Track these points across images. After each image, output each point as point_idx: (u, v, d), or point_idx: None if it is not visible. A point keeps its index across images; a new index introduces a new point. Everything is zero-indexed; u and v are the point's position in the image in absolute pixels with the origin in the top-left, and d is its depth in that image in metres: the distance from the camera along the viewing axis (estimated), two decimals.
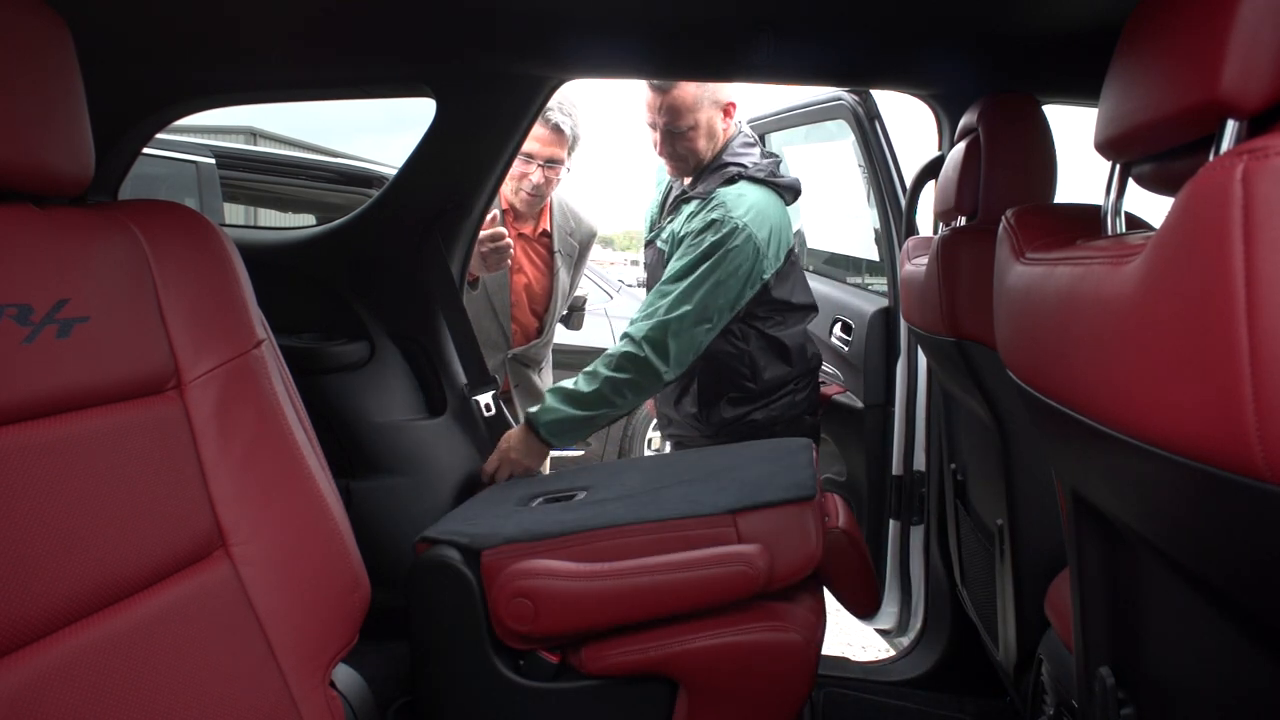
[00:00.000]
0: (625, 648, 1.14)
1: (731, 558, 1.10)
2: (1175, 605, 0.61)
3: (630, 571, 1.11)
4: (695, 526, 1.14)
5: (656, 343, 1.70)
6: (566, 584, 1.12)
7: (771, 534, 1.12)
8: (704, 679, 1.13)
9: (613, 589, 1.11)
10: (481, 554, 1.17)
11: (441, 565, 1.16)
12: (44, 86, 0.66)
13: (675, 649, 1.12)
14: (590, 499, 1.29)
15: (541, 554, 1.15)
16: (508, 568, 1.14)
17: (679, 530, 1.14)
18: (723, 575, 1.10)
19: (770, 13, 1.21)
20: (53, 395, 0.65)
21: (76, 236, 0.70)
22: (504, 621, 1.14)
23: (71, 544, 0.64)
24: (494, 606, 1.15)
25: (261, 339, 0.85)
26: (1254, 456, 0.39)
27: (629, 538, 1.15)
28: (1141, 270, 0.49)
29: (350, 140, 54.61)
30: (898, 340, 1.93)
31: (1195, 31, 0.51)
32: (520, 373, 2.17)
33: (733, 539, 1.13)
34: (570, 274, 2.22)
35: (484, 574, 1.16)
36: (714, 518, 1.14)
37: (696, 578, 1.10)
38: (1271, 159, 0.39)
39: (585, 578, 1.11)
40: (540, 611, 1.12)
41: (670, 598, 1.11)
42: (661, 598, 1.11)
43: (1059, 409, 0.64)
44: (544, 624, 1.12)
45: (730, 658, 1.12)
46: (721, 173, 1.85)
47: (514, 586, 1.13)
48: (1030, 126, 1.24)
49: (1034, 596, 1.20)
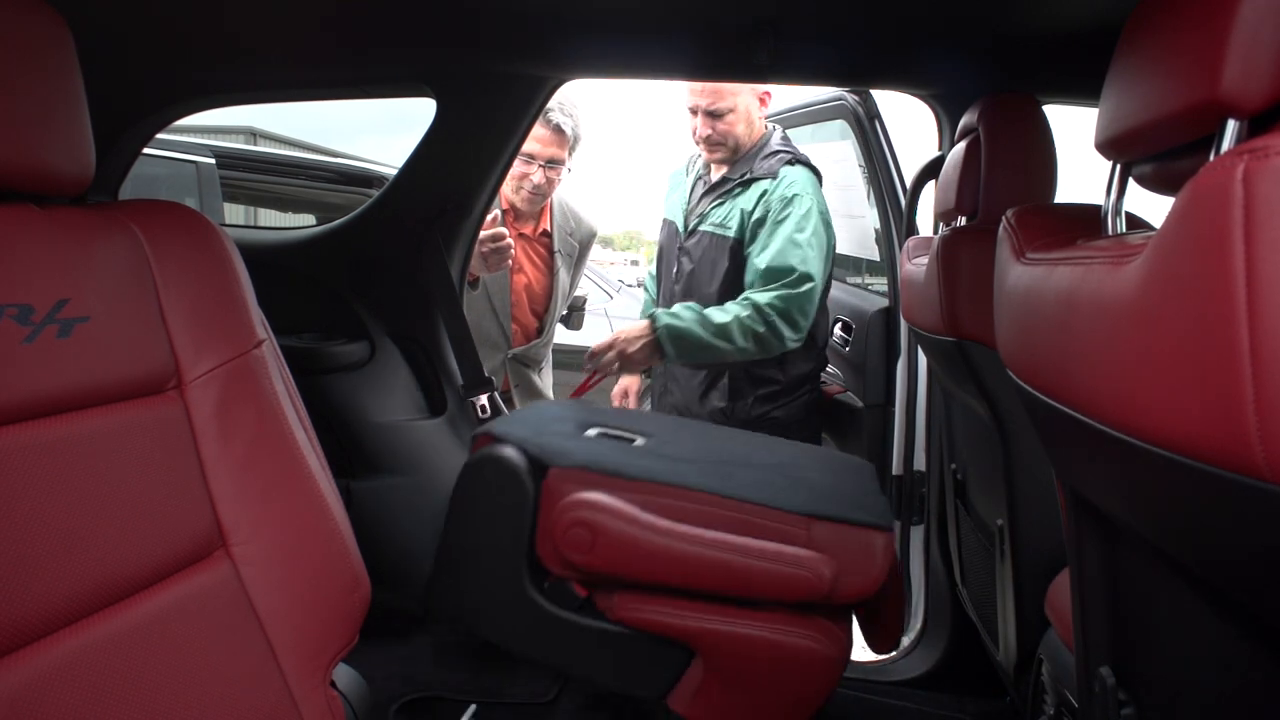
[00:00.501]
0: (661, 608, 1.11)
1: (802, 561, 1.07)
2: (1175, 605, 0.61)
3: (699, 540, 1.08)
4: (769, 517, 1.11)
5: (784, 311, 1.83)
6: (633, 530, 1.08)
7: (842, 551, 1.09)
8: (727, 662, 1.11)
9: (676, 550, 1.08)
10: (549, 469, 1.13)
11: (504, 466, 1.13)
12: (44, 86, 0.66)
13: (709, 625, 1.10)
14: (653, 449, 1.25)
15: (611, 490, 1.12)
16: (574, 493, 1.11)
17: (751, 515, 1.11)
18: (787, 575, 1.07)
19: (771, 13, 1.21)
20: (53, 395, 0.65)
21: (77, 236, 0.70)
22: (556, 543, 1.10)
23: (72, 544, 0.64)
24: (548, 524, 1.11)
25: (262, 339, 0.85)
26: (1254, 456, 0.39)
27: (700, 505, 1.11)
28: (1142, 270, 0.49)
29: (351, 140, 54.79)
30: (898, 340, 1.93)
31: (1195, 31, 0.51)
32: (520, 373, 2.17)
33: (802, 541, 1.10)
34: (570, 274, 2.22)
35: (545, 489, 1.12)
36: (789, 515, 1.11)
37: (762, 569, 1.07)
38: (1272, 159, 0.39)
39: (654, 531, 1.08)
40: (597, 546, 1.08)
41: (729, 578, 1.08)
42: (720, 575, 1.08)
43: (1059, 409, 0.64)
44: (596, 559, 1.09)
45: (760, 652, 1.10)
46: (779, 156, 1.97)
47: (577, 514, 1.09)
48: (1030, 126, 1.24)
49: (1034, 596, 1.20)
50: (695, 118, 1.98)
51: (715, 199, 2.05)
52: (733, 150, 2.01)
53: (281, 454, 0.82)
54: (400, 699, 1.47)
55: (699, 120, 1.98)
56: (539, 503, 1.13)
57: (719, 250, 2.00)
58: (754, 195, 1.96)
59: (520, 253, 2.10)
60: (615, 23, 1.27)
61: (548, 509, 1.12)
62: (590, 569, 1.10)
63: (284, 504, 0.81)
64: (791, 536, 1.10)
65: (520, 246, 2.10)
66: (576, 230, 2.21)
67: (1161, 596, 0.64)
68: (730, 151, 2.01)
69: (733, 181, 2.02)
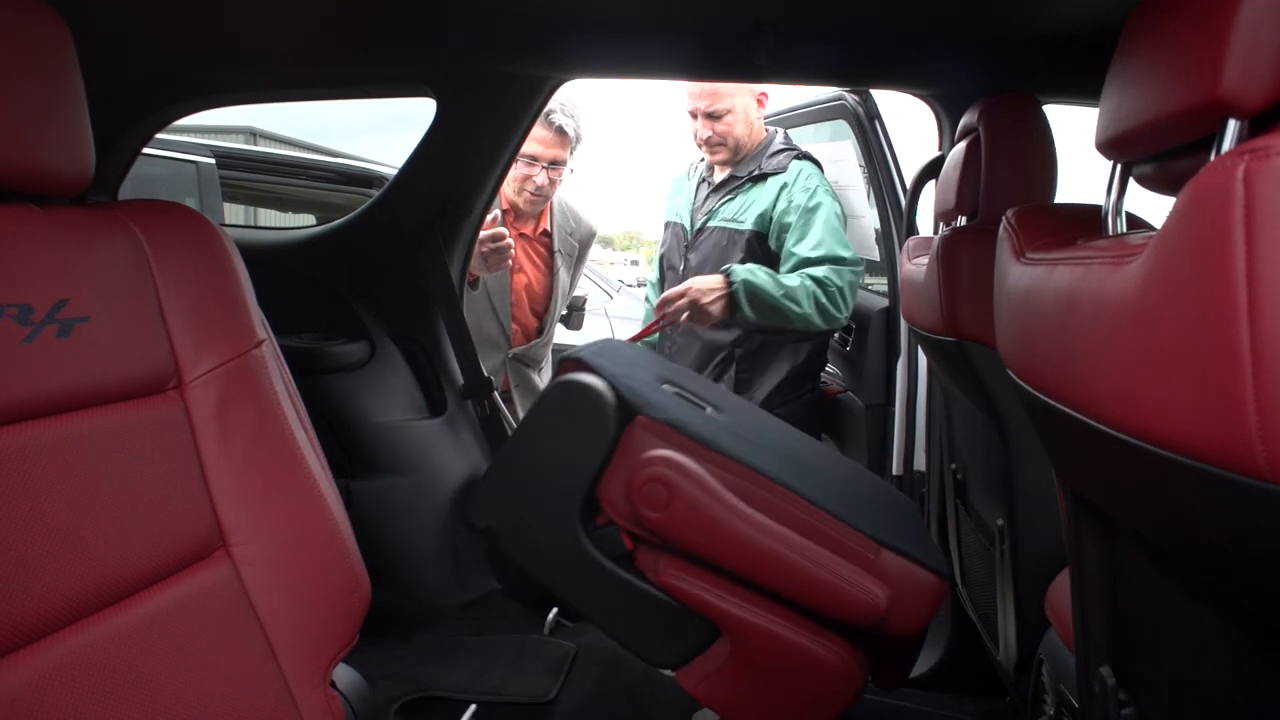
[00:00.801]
0: (706, 584, 1.09)
1: (865, 585, 1.06)
2: (1175, 605, 0.61)
3: (773, 534, 1.06)
4: (839, 531, 1.09)
5: (839, 288, 1.91)
6: (713, 506, 1.06)
7: (902, 586, 1.08)
8: (756, 655, 1.10)
9: (748, 538, 1.06)
10: (637, 416, 1.11)
11: (593, 397, 1.10)
12: (44, 86, 0.66)
13: (747, 615, 1.09)
14: (728, 425, 1.22)
15: (695, 457, 1.09)
16: (660, 448, 1.08)
17: (823, 523, 1.09)
18: (847, 594, 1.06)
19: (771, 13, 1.21)
20: (53, 395, 0.65)
21: (77, 236, 0.70)
22: (628, 491, 1.08)
23: (72, 544, 0.64)
24: (623, 470, 1.09)
25: (262, 339, 0.85)
26: (1255, 457, 0.39)
27: (776, 498, 1.09)
28: (1142, 270, 0.49)
29: (351, 140, 54.80)
30: (898, 340, 1.93)
31: (1196, 31, 0.51)
32: (520, 372, 2.17)
33: (866, 565, 1.08)
34: (570, 274, 2.23)
35: (629, 434, 1.10)
36: (860, 535, 1.09)
37: (825, 580, 1.06)
38: (1273, 159, 0.39)
39: (733, 512, 1.06)
40: (672, 508, 1.06)
41: (790, 580, 1.07)
42: (783, 574, 1.07)
43: (1059, 409, 0.64)
44: (663, 520, 1.07)
45: (788, 653, 1.09)
46: (787, 152, 2.03)
47: (660, 471, 1.07)
48: (1031, 126, 1.24)
49: (1034, 596, 1.20)
50: (695, 121, 2.03)
51: (724, 196, 2.08)
52: (733, 151, 2.05)
53: (281, 454, 0.82)
54: (400, 699, 1.47)
55: (699, 123, 2.02)
56: (617, 445, 1.10)
57: (731, 243, 2.04)
58: (773, 190, 2.00)
59: (520, 252, 2.10)
60: (615, 23, 1.27)
61: (625, 454, 1.09)
62: (655, 527, 1.08)
63: (284, 504, 0.81)
64: (858, 557, 1.09)
65: (520, 246, 2.10)
66: (576, 230, 2.22)
67: (1161, 596, 0.64)
68: (731, 152, 2.05)
69: (741, 179, 2.05)
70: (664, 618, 1.12)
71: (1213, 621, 0.57)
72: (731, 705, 1.13)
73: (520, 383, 2.17)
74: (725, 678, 1.11)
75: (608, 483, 1.10)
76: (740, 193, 2.06)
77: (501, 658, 1.60)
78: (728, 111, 1.99)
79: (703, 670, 1.12)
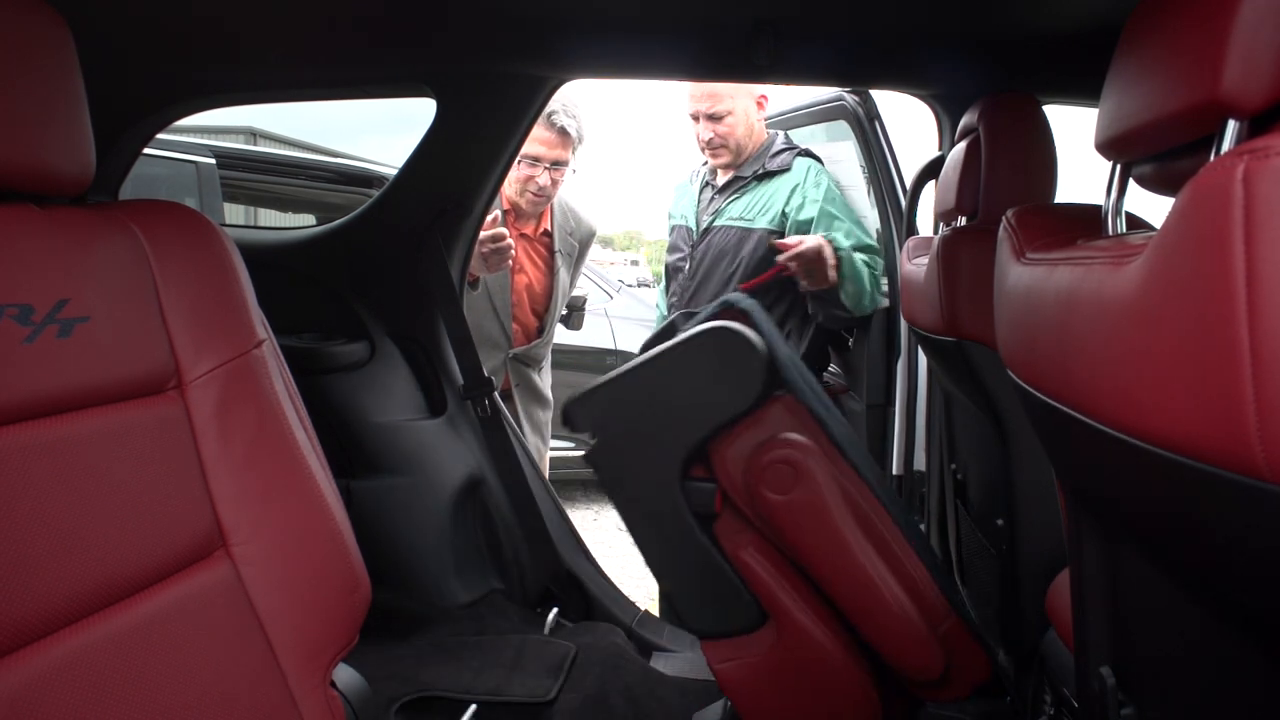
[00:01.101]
0: (781, 577, 1.08)
1: (933, 649, 1.06)
2: (1175, 604, 0.61)
3: (873, 564, 1.05)
4: (924, 581, 1.09)
5: (879, 274, 1.98)
6: (834, 511, 1.05)
7: (959, 660, 1.08)
8: (797, 661, 1.09)
9: (851, 555, 1.05)
10: (785, 394, 1.08)
11: (749, 356, 1.06)
12: (44, 87, 0.66)
13: (808, 623, 1.09)
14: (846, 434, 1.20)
15: (830, 458, 1.07)
16: (799, 433, 1.06)
17: (914, 569, 1.09)
18: (912, 650, 1.06)
19: (771, 13, 1.21)
20: (53, 395, 0.65)
21: (77, 236, 0.70)
22: (751, 460, 1.06)
23: (72, 544, 0.64)
24: (751, 438, 1.06)
25: (262, 339, 0.85)
26: (1255, 457, 0.39)
27: (884, 528, 1.08)
28: (1142, 271, 0.49)
29: (351, 140, 54.85)
30: (898, 340, 1.93)
31: (1196, 31, 0.51)
32: (521, 372, 2.17)
33: (936, 624, 1.08)
34: (570, 273, 2.23)
35: (770, 406, 1.08)
36: (943, 596, 1.09)
37: (898, 628, 1.05)
38: (1272, 159, 0.39)
39: (847, 526, 1.05)
40: (793, 494, 1.04)
41: (864, 610, 1.06)
42: (860, 601, 1.06)
43: (1059, 409, 0.64)
44: (778, 503, 1.05)
45: (830, 673, 1.09)
46: (789, 151, 2.08)
47: (793, 456, 1.04)
48: (1031, 126, 1.24)
49: (1034, 596, 1.20)
50: (697, 123, 2.05)
51: (730, 196, 2.11)
52: (735, 153, 2.07)
53: (282, 454, 0.82)
54: (400, 699, 1.47)
55: (700, 125, 2.04)
56: (751, 412, 1.07)
57: (740, 240, 2.06)
58: (785, 189, 2.03)
59: (521, 252, 2.10)
60: (615, 23, 1.27)
61: (759, 425, 1.07)
62: (764, 506, 1.05)
63: (284, 504, 0.81)
64: (933, 615, 1.08)
65: (521, 246, 2.10)
66: (576, 230, 2.22)
67: (1161, 596, 0.64)
68: (733, 154, 2.07)
69: (746, 178, 2.08)
70: (719, 588, 1.10)
71: (1212, 621, 0.57)
72: (748, 695, 1.12)
73: (520, 383, 2.17)
74: (754, 667, 1.10)
75: (727, 443, 1.07)
76: (746, 192, 2.08)
77: (501, 658, 1.60)
78: (728, 113, 2.01)
79: (735, 652, 1.11)
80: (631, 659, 1.65)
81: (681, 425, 1.08)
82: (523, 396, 2.17)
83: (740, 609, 1.10)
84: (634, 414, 1.10)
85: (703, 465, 1.11)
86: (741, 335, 1.07)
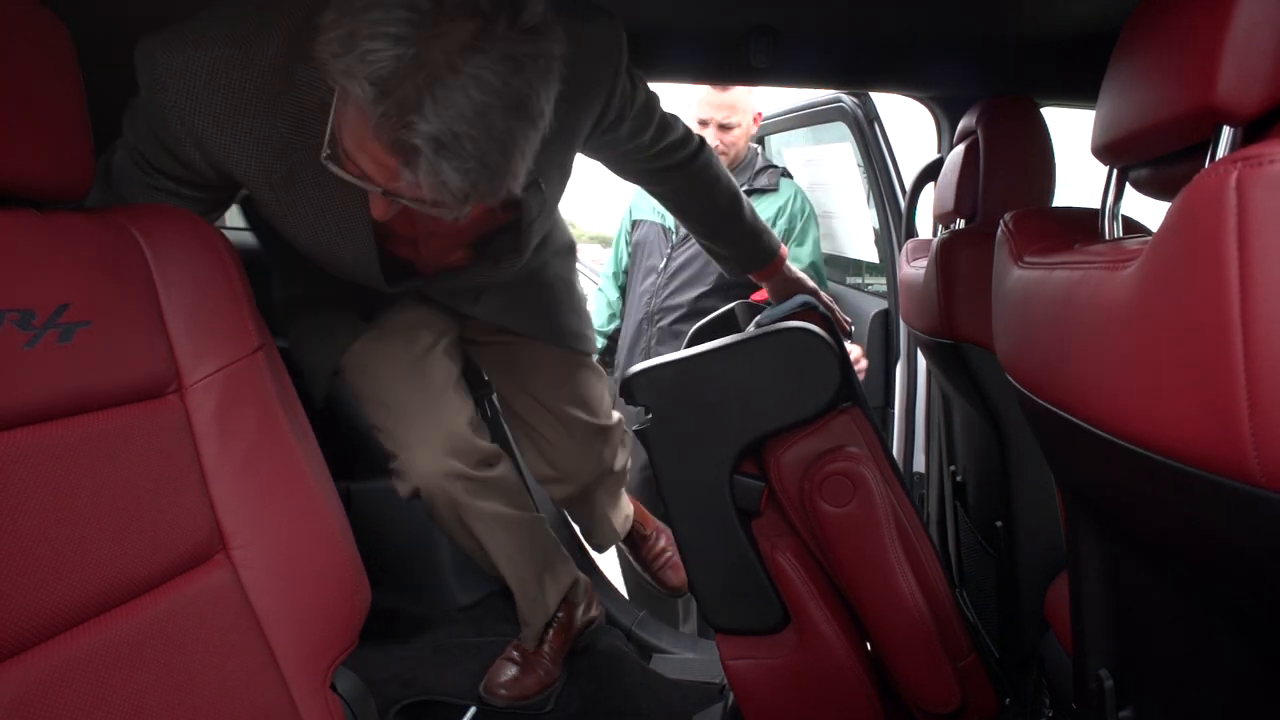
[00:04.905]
0: (814, 585, 1.08)
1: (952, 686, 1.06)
2: (1172, 607, 0.62)
3: (910, 589, 1.06)
4: (953, 614, 1.09)
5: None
6: (883, 531, 1.05)
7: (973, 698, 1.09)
8: (814, 671, 1.10)
9: (890, 578, 1.05)
10: (854, 406, 1.07)
11: (825, 364, 1.05)
12: (44, 91, 0.66)
13: (831, 636, 1.09)
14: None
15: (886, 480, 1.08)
16: (862, 455, 1.05)
17: (944, 599, 1.09)
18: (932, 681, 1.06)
19: (771, 16, 1.21)
20: (54, 400, 0.65)
21: (78, 241, 0.70)
22: (810, 468, 1.05)
23: (73, 548, 0.64)
24: (813, 446, 1.05)
25: (261, 342, 0.85)
26: (1248, 462, 0.39)
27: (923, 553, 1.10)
28: (1138, 275, 0.49)
29: None
30: (897, 342, 1.93)
31: (1191, 37, 0.51)
32: None
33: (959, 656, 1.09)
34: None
35: (832, 420, 1.06)
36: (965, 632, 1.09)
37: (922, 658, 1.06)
38: (1266, 166, 0.39)
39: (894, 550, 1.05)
40: (850, 508, 1.03)
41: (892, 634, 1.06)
42: (890, 624, 1.06)
43: (1056, 412, 0.64)
44: (831, 515, 1.04)
45: (845, 689, 1.09)
46: (772, 170, 2.15)
47: (856, 470, 1.04)
48: (1029, 129, 1.24)
49: (1034, 597, 1.20)
50: (705, 129, 2.06)
51: None
52: (731, 162, 2.10)
53: (281, 457, 0.82)
54: (400, 702, 1.47)
55: (711, 131, 2.05)
56: (817, 419, 1.06)
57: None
58: (770, 208, 2.10)
59: None
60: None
61: (823, 434, 1.06)
62: (817, 515, 1.05)
63: (284, 507, 0.81)
64: (956, 651, 1.09)
65: None
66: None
67: (1159, 598, 0.64)
68: (730, 162, 2.10)
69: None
70: (748, 585, 1.09)
71: (1209, 623, 0.57)
72: (756, 696, 1.11)
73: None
74: (769, 669, 1.09)
75: (785, 445, 1.06)
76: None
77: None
78: (738, 125, 2.05)
79: (751, 651, 1.10)
80: (631, 661, 1.65)
81: (744, 419, 1.07)
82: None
83: (765, 609, 1.10)
84: (697, 399, 1.08)
85: (754, 461, 1.11)
86: (825, 342, 1.06)
